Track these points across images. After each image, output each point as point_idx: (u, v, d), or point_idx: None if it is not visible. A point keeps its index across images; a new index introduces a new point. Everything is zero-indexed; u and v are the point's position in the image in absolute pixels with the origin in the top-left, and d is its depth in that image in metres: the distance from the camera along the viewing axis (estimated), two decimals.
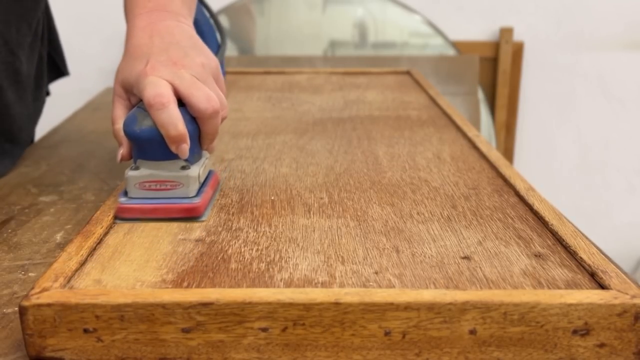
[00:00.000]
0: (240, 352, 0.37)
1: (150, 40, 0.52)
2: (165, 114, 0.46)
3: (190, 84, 0.48)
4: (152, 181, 0.48)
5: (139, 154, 0.49)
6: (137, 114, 0.48)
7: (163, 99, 0.46)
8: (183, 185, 0.48)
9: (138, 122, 0.47)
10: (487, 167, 0.61)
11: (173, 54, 0.50)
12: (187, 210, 0.48)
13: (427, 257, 0.43)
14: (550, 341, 0.36)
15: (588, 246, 0.43)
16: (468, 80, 1.73)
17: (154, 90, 0.47)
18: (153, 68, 0.49)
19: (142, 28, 0.53)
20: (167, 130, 0.46)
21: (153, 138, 0.47)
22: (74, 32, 1.75)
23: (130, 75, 0.50)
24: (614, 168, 1.94)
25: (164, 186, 0.48)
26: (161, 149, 0.47)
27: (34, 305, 0.36)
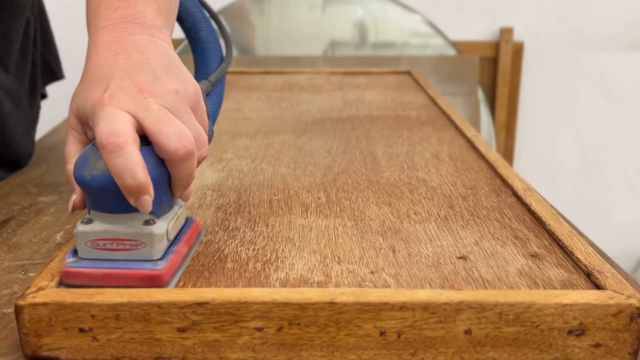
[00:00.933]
0: (236, 351, 0.37)
1: (113, 59, 0.42)
2: (121, 158, 0.36)
3: (158, 118, 0.39)
4: (107, 239, 0.38)
5: (91, 204, 0.39)
6: (88, 154, 0.39)
7: (119, 139, 0.37)
8: (145, 245, 0.38)
9: (89, 165, 0.38)
10: (485, 167, 0.61)
11: (140, 78, 0.40)
12: (147, 278, 0.38)
13: (424, 257, 0.43)
14: (545, 341, 0.36)
15: (584, 246, 0.43)
16: (468, 80, 1.73)
17: (109, 127, 0.37)
18: (112, 96, 0.39)
19: (105, 44, 0.43)
20: (122, 179, 0.36)
21: (106, 187, 0.37)
22: (73, 32, 1.75)
23: (85, 104, 0.40)
24: (614, 168, 1.93)
25: (122, 245, 0.38)
26: (117, 200, 0.38)
27: (30, 305, 0.36)
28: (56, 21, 0.86)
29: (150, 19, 0.46)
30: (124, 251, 0.39)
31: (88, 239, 0.39)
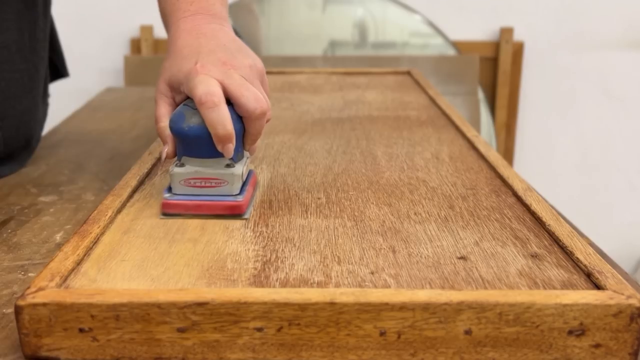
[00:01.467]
0: (236, 351, 0.37)
1: (197, 41, 0.53)
2: (215, 113, 0.47)
3: (239, 84, 0.49)
4: (197, 178, 0.49)
5: (185, 151, 0.50)
6: (184, 111, 0.49)
7: (214, 97, 0.47)
8: (227, 183, 0.49)
9: (186, 119, 0.48)
10: (485, 167, 0.61)
11: (221, 55, 0.51)
12: (231, 207, 0.49)
13: (424, 258, 0.43)
14: (545, 341, 0.36)
15: (585, 247, 0.43)
16: (468, 80, 1.73)
17: (206, 89, 0.47)
18: (203, 67, 0.49)
19: (187, 30, 0.54)
20: (215, 129, 0.47)
21: (201, 136, 0.48)
22: (74, 32, 1.75)
23: (179, 73, 0.51)
24: (614, 168, 1.93)
25: (209, 183, 0.49)
26: (208, 147, 0.48)
27: (30, 305, 0.36)
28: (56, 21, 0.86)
29: (219, 11, 0.57)
30: (211, 188, 0.50)
31: (182, 178, 0.50)
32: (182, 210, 0.49)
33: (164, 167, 0.60)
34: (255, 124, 0.50)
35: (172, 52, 0.53)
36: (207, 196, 0.49)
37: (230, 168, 0.50)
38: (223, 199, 0.49)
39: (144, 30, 1.81)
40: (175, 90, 0.52)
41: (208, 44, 0.52)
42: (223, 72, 0.49)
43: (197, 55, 0.51)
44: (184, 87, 0.50)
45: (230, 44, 0.53)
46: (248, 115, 0.49)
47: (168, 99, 0.53)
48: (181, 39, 0.54)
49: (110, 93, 1.17)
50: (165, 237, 0.46)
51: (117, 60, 1.82)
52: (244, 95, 0.49)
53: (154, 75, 1.72)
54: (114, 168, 0.73)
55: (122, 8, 1.80)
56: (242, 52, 0.53)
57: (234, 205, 0.49)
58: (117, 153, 0.79)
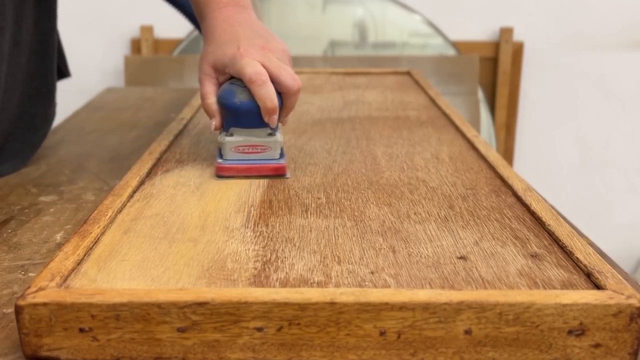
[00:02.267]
0: (236, 351, 0.37)
1: (234, 28, 0.60)
2: (265, 89, 0.55)
3: (278, 65, 0.56)
4: (246, 145, 0.58)
5: (234, 122, 0.57)
6: (233, 89, 0.57)
7: (262, 76, 0.55)
8: (271, 149, 0.58)
9: (237, 95, 0.56)
10: (485, 167, 0.61)
11: (259, 41, 0.58)
12: (277, 169, 0.58)
13: (424, 257, 0.43)
14: (545, 341, 0.36)
15: (584, 246, 0.43)
16: (468, 80, 1.73)
17: (254, 69, 0.55)
18: (246, 51, 0.57)
19: (224, 20, 0.61)
20: (264, 103, 0.55)
21: (251, 109, 0.56)
22: (74, 32, 1.75)
23: (224, 57, 0.58)
24: (614, 168, 1.93)
25: (255, 150, 0.58)
26: (256, 118, 0.56)
27: (30, 305, 0.36)
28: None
29: (246, 2, 0.65)
30: (257, 153, 0.58)
31: (232, 145, 0.58)
32: (234, 172, 0.57)
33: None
34: (292, 99, 0.58)
35: (212, 38, 0.60)
36: (255, 160, 0.58)
37: (272, 136, 0.58)
38: (269, 162, 0.58)
39: (144, 30, 1.81)
40: (219, 72, 0.59)
41: (244, 31, 0.59)
42: (263, 55, 0.57)
43: (237, 41, 0.58)
44: (229, 69, 0.58)
45: (262, 31, 0.61)
46: (287, 90, 0.56)
47: (213, 79, 0.60)
48: (219, 27, 0.61)
49: (111, 93, 1.17)
50: (165, 237, 0.46)
51: (117, 61, 1.82)
52: (282, 74, 0.56)
53: (154, 76, 1.73)
54: (114, 168, 0.73)
55: (122, 8, 1.80)
56: (274, 38, 0.61)
57: (279, 167, 0.58)
58: (117, 153, 0.79)
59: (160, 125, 0.91)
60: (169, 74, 1.73)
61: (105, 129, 0.91)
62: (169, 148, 0.67)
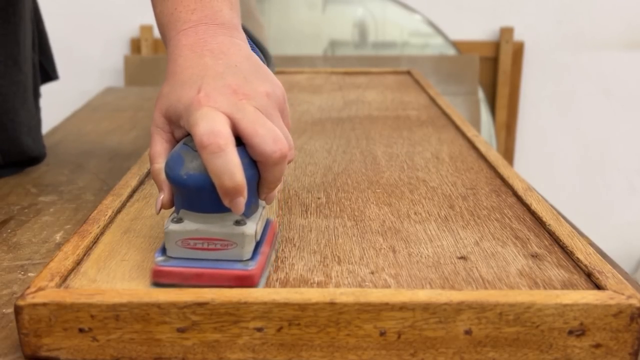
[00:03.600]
0: (236, 352, 0.37)
1: (200, 60, 0.43)
2: (221, 159, 0.37)
3: (254, 120, 0.39)
4: (199, 238, 0.39)
5: (183, 203, 0.40)
6: (183, 153, 0.39)
7: (219, 139, 0.37)
8: (236, 245, 0.39)
9: (185, 164, 0.39)
10: (485, 167, 0.61)
11: (231, 80, 0.41)
12: (240, 278, 0.38)
13: (424, 257, 0.43)
14: (545, 341, 0.36)
15: (585, 246, 0.43)
16: (468, 80, 1.73)
17: (209, 127, 0.38)
18: (208, 96, 0.40)
19: (189, 46, 0.44)
20: (221, 180, 0.37)
21: (203, 187, 0.38)
22: (74, 32, 1.75)
23: (178, 103, 0.41)
24: (614, 168, 1.93)
25: (213, 245, 0.39)
26: (212, 200, 0.38)
27: (30, 305, 0.36)
28: (52, 20, 0.86)
29: (228, 19, 0.46)
30: (215, 251, 0.39)
31: (179, 238, 0.39)
32: (177, 280, 0.38)
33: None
34: (274, 169, 0.40)
35: (172, 74, 0.44)
36: (210, 261, 0.39)
37: (240, 226, 0.39)
38: (230, 265, 0.39)
39: (144, 30, 1.81)
40: (174, 124, 0.43)
41: (215, 64, 0.42)
42: (233, 104, 0.40)
43: (200, 80, 0.41)
44: (183, 122, 0.41)
45: (242, 64, 0.43)
46: (264, 159, 0.39)
47: (165, 134, 0.43)
48: (182, 58, 0.44)
49: (110, 93, 1.17)
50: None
51: (117, 60, 1.82)
52: (258, 134, 0.39)
53: (154, 75, 1.73)
54: (114, 168, 0.73)
55: (122, 8, 1.80)
56: (258, 75, 0.43)
57: (243, 276, 0.38)
58: (117, 153, 0.79)
59: None
60: None
61: (104, 129, 0.91)
62: None
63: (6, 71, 0.67)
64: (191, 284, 0.38)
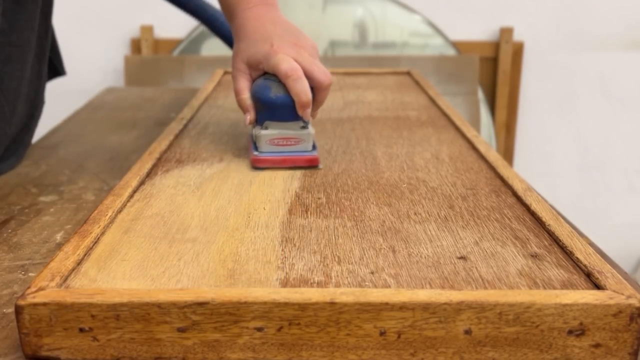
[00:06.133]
0: (236, 351, 0.37)
1: (265, 27, 0.62)
2: (300, 84, 0.57)
3: (310, 61, 0.59)
4: (281, 137, 0.61)
5: (269, 116, 0.60)
6: (268, 84, 0.60)
7: (298, 72, 0.58)
8: (304, 141, 0.61)
9: (272, 90, 0.59)
10: (485, 167, 0.61)
11: (289, 38, 0.61)
12: (310, 160, 0.61)
13: (424, 257, 0.43)
14: (545, 341, 0.36)
15: (584, 246, 0.43)
16: (468, 80, 1.73)
17: (289, 65, 0.58)
18: (280, 47, 0.60)
19: (254, 18, 0.64)
20: (299, 96, 0.58)
21: (286, 103, 0.59)
22: (74, 32, 1.75)
23: (257, 54, 0.61)
24: (614, 168, 1.93)
25: (289, 142, 0.61)
26: (290, 112, 0.59)
27: (30, 305, 0.36)
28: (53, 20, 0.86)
29: (274, 2, 0.67)
30: (291, 145, 0.61)
31: (268, 138, 0.61)
32: (270, 164, 0.60)
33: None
34: (323, 93, 0.60)
35: (244, 37, 0.63)
36: (290, 152, 0.61)
37: (305, 129, 0.61)
38: (303, 154, 0.61)
39: (144, 30, 1.81)
40: (252, 68, 0.62)
41: (276, 29, 0.62)
42: (296, 52, 0.59)
43: (270, 38, 0.61)
44: (262, 65, 0.61)
45: (292, 29, 0.63)
46: (319, 85, 0.59)
47: (246, 75, 0.62)
48: (250, 26, 0.63)
49: (111, 93, 1.17)
50: (165, 237, 0.46)
51: (117, 60, 1.82)
52: (314, 70, 0.59)
53: (154, 75, 1.73)
54: (114, 168, 0.73)
55: (122, 8, 1.80)
56: (303, 35, 0.63)
57: (312, 159, 0.61)
58: (117, 153, 0.79)
59: (160, 125, 0.91)
60: (169, 74, 1.73)
61: (105, 129, 0.91)
62: (169, 148, 0.67)
63: (22, 57, 0.70)
64: (279, 166, 0.60)
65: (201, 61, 1.74)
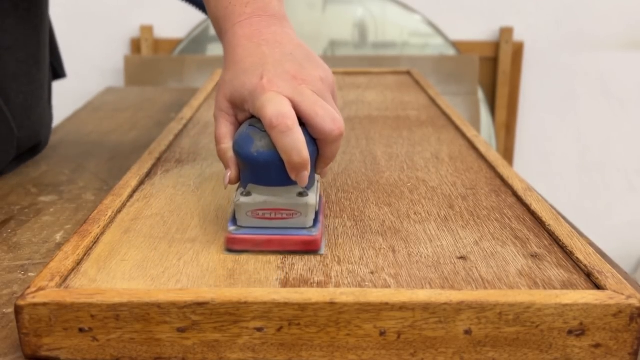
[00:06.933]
0: (236, 351, 0.37)
1: (259, 49, 0.47)
2: (290, 137, 0.41)
3: (312, 102, 0.43)
4: (267, 209, 0.44)
5: (252, 178, 0.44)
6: (251, 133, 0.43)
7: (287, 120, 0.41)
8: (300, 214, 0.44)
9: (254, 143, 0.43)
10: (485, 167, 0.61)
11: (289, 67, 0.45)
12: (306, 243, 0.43)
13: (424, 257, 0.43)
14: (545, 341, 0.36)
15: (585, 246, 0.43)
16: (468, 80, 1.73)
17: (277, 110, 0.42)
18: (271, 82, 0.44)
19: (246, 36, 0.48)
20: (289, 156, 0.41)
21: (272, 162, 0.42)
22: (74, 32, 1.75)
23: (243, 89, 0.45)
24: (614, 168, 1.93)
25: (280, 215, 0.44)
26: (279, 174, 0.43)
27: (30, 305, 0.36)
28: (53, 20, 0.86)
29: (278, 10, 0.51)
30: (281, 220, 0.44)
31: (249, 209, 0.44)
32: (250, 246, 0.43)
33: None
34: (332, 146, 0.44)
35: (232, 63, 0.48)
36: (278, 229, 0.44)
37: (303, 197, 0.44)
38: (296, 232, 0.44)
39: (144, 30, 1.81)
40: (238, 108, 0.47)
41: (272, 52, 0.46)
42: (293, 88, 0.44)
43: (261, 67, 0.45)
44: (248, 105, 0.45)
45: (296, 52, 0.47)
46: (324, 137, 0.43)
47: (230, 117, 0.48)
48: (240, 48, 0.48)
49: (110, 93, 1.17)
50: (165, 237, 0.46)
51: (117, 60, 1.82)
52: (318, 115, 0.43)
53: (154, 75, 1.73)
54: (114, 168, 0.73)
55: (122, 8, 1.80)
56: (311, 61, 0.47)
57: (309, 240, 0.43)
58: (117, 153, 0.79)
59: (160, 125, 0.91)
60: (169, 74, 1.73)
61: (105, 129, 0.91)
62: (169, 148, 0.67)
63: (28, 71, 0.69)
64: (261, 249, 0.43)
65: (201, 61, 1.74)
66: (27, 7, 0.69)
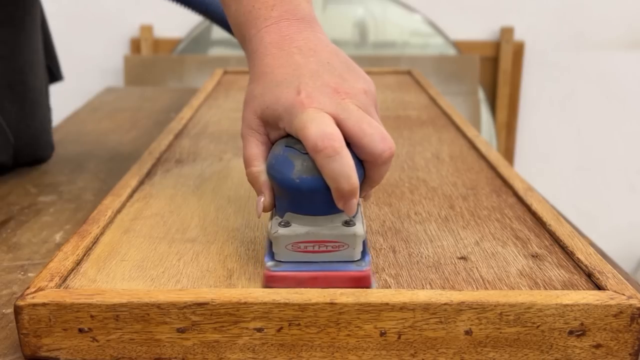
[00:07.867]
0: (236, 352, 0.37)
1: (291, 59, 0.41)
2: (338, 162, 0.35)
3: (359, 119, 0.38)
4: (310, 242, 0.38)
5: (291, 206, 0.38)
6: (290, 156, 0.38)
7: (334, 142, 0.36)
8: (347, 246, 0.38)
9: (295, 168, 0.37)
10: (486, 167, 0.61)
11: (328, 78, 0.39)
12: (356, 279, 0.38)
13: (424, 258, 0.43)
14: (546, 342, 0.36)
15: (585, 247, 0.43)
16: (468, 80, 1.73)
17: (321, 130, 0.36)
18: (310, 97, 0.38)
19: (275, 44, 0.42)
20: (338, 183, 0.36)
21: (317, 190, 0.37)
22: (74, 32, 1.75)
23: (276, 105, 0.39)
24: (614, 168, 1.93)
25: (324, 247, 0.38)
26: (324, 203, 0.37)
27: (29, 305, 0.36)
28: (52, 20, 0.86)
29: (307, 12, 0.44)
30: (326, 253, 0.38)
31: (289, 242, 0.38)
32: (292, 284, 0.37)
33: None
34: (381, 168, 0.39)
35: (261, 74, 0.41)
36: (322, 263, 0.38)
37: (350, 227, 0.38)
38: (343, 267, 0.38)
39: (144, 30, 1.81)
40: (270, 126, 0.41)
41: (307, 62, 0.40)
42: (336, 104, 0.38)
43: (297, 80, 0.39)
44: (284, 124, 0.39)
45: (333, 60, 0.41)
46: (373, 159, 0.38)
47: (261, 136, 0.41)
48: (269, 57, 0.41)
49: (110, 93, 1.17)
50: (165, 237, 0.46)
51: (117, 60, 1.82)
52: (366, 133, 0.37)
53: (154, 75, 1.72)
54: (114, 168, 0.73)
55: (122, 8, 1.80)
56: (351, 71, 0.41)
57: (359, 277, 0.38)
58: (117, 153, 0.79)
59: (160, 125, 0.91)
60: (168, 74, 1.73)
61: (105, 129, 0.91)
62: (168, 148, 0.67)
63: (24, 78, 0.69)
64: (305, 287, 0.37)
65: (201, 61, 1.74)
66: (21, 15, 0.68)
